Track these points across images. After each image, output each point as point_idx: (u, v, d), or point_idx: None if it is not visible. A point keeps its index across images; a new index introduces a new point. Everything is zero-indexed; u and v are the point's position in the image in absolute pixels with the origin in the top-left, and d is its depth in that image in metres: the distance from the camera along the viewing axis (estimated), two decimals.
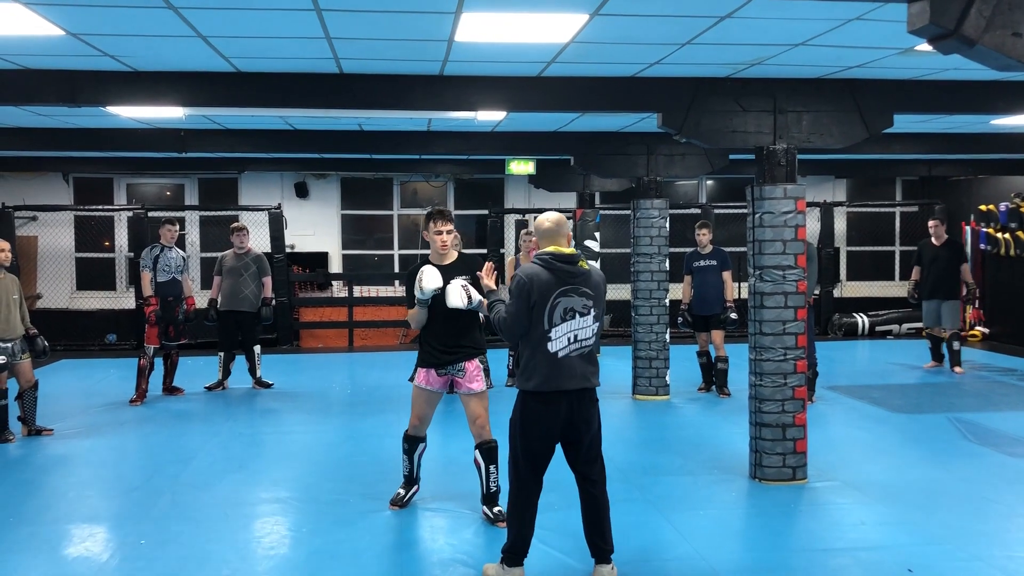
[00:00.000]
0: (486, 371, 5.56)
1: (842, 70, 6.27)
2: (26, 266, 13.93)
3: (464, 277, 5.39)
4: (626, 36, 5.37)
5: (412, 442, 5.73)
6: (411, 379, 5.69)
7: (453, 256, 5.55)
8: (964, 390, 9.99)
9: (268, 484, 6.39)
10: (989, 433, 7.80)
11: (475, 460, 5.51)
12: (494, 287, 4.79)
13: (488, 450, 5.45)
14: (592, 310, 4.38)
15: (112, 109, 7.88)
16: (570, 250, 4.41)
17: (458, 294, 5.17)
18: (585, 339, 4.36)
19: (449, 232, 5.49)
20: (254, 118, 9.02)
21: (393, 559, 4.91)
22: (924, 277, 11.16)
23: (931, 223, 11.32)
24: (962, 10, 2.76)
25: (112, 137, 9.87)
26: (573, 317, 4.32)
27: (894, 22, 4.89)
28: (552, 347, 4.29)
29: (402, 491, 5.81)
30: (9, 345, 7.58)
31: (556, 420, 4.32)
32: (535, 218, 15.64)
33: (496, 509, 5.47)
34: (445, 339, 5.44)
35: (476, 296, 5.21)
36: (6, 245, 7.75)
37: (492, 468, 5.45)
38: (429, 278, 5.25)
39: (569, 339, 4.32)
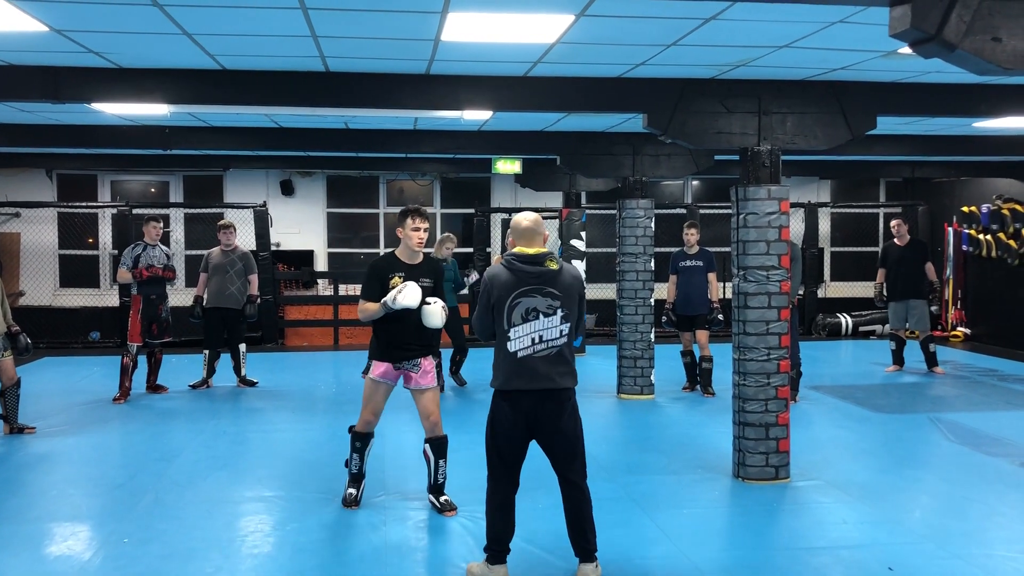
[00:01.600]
0: (438, 369, 5.69)
1: (826, 72, 6.31)
2: (9, 263, 13.84)
3: (427, 280, 5.50)
4: (612, 37, 5.39)
5: (364, 439, 5.75)
6: (364, 373, 5.72)
7: (420, 257, 5.61)
8: (945, 390, 10.08)
9: (252, 482, 6.38)
10: (970, 433, 7.87)
11: (424, 452, 5.67)
12: None
13: (438, 445, 5.63)
14: (559, 310, 4.33)
15: (96, 106, 7.83)
16: (535, 250, 4.39)
17: (439, 315, 5.37)
18: (552, 340, 4.33)
19: (426, 230, 5.53)
20: (239, 116, 8.98)
21: (377, 557, 4.91)
22: (890, 279, 11.09)
23: (893, 223, 11.20)
24: (943, 15, 2.79)
25: (96, 134, 9.81)
26: (536, 317, 4.31)
27: (877, 25, 4.92)
28: (512, 347, 4.31)
29: (353, 490, 5.79)
30: None
31: (519, 419, 4.34)
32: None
33: (443, 498, 5.66)
34: (404, 337, 5.52)
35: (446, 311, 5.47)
36: None
37: (441, 462, 5.65)
38: (409, 295, 5.29)
39: (533, 339, 4.31)
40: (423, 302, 5.38)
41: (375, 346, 5.68)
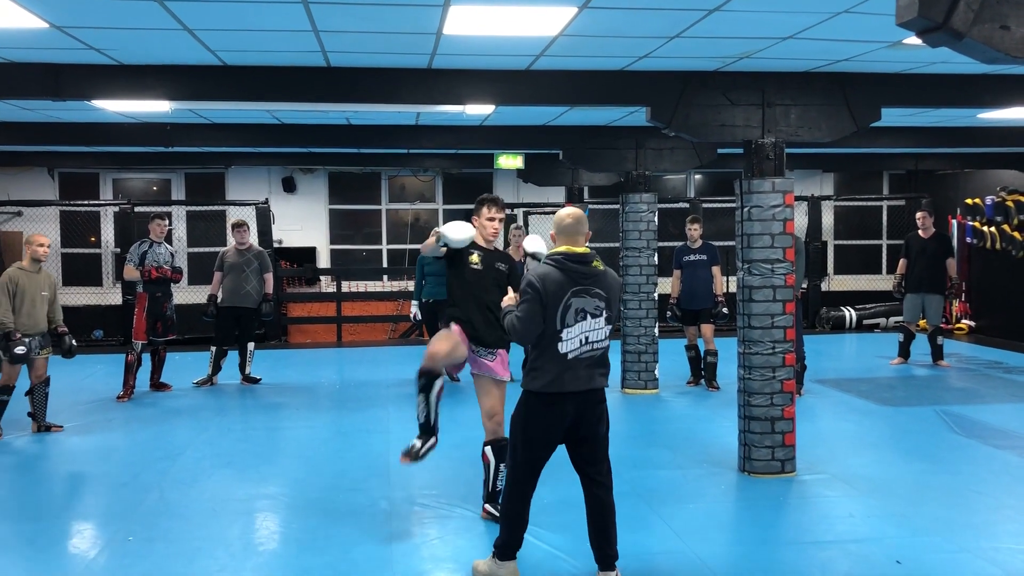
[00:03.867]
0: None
1: (830, 63, 6.28)
2: (11, 261, 13.80)
3: (503, 264, 5.36)
4: (615, 29, 5.36)
5: (429, 376, 5.08)
6: (445, 323, 5.25)
7: (493, 248, 5.44)
8: (951, 383, 10.05)
9: (257, 480, 6.36)
10: (976, 425, 7.84)
11: (484, 455, 5.30)
12: (511, 300, 4.57)
13: (501, 448, 5.18)
14: (604, 312, 4.28)
15: (97, 103, 7.82)
16: (583, 249, 4.30)
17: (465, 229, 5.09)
18: (597, 341, 4.27)
19: (501, 220, 5.39)
20: (241, 112, 8.97)
21: (383, 555, 4.89)
22: (910, 270, 11.07)
23: (919, 215, 11.19)
24: (950, 3, 2.76)
25: (97, 131, 9.80)
26: (585, 318, 4.23)
27: (882, 15, 4.90)
28: (563, 348, 4.21)
29: (417, 443, 5.13)
30: (28, 340, 7.55)
31: (561, 421, 4.26)
32: (524, 213, 15.46)
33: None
34: (481, 323, 5.24)
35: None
36: (46, 240, 7.79)
37: (502, 466, 5.17)
38: (458, 228, 5.08)
39: (581, 341, 4.23)
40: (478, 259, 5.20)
41: (453, 316, 5.27)
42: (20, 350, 7.38)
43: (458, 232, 5.14)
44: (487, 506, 5.37)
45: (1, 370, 7.61)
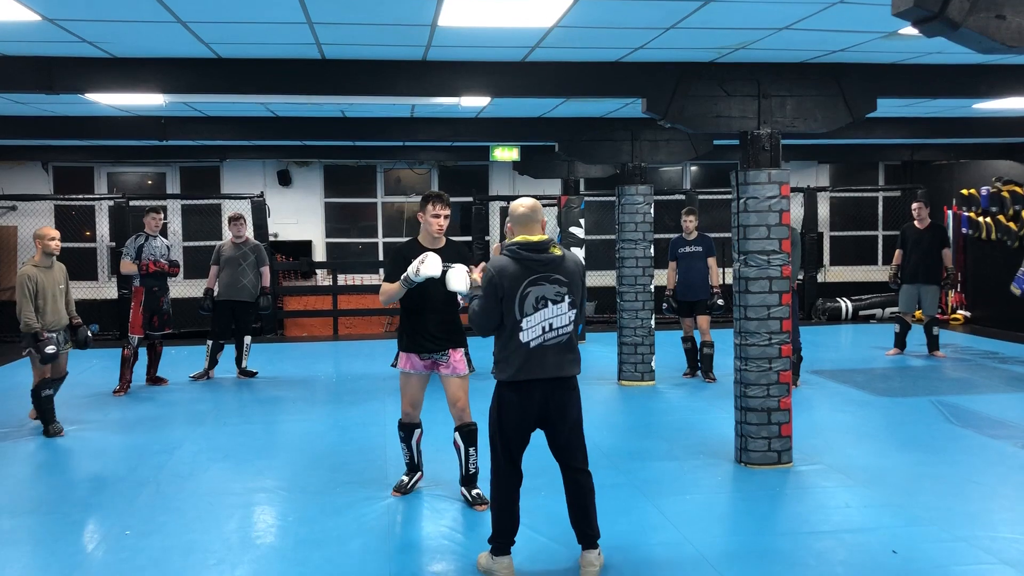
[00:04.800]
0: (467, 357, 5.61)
1: (826, 54, 6.27)
2: (5, 256, 13.80)
3: (452, 264, 5.38)
4: (610, 20, 5.35)
5: (407, 429, 5.74)
6: (393, 365, 5.62)
7: (443, 242, 5.51)
8: (946, 373, 10.07)
9: (253, 473, 6.36)
10: (971, 416, 7.86)
11: (454, 442, 5.53)
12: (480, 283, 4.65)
13: (468, 432, 5.48)
14: (566, 297, 4.32)
15: (91, 96, 7.78)
16: (539, 237, 4.35)
17: (463, 279, 5.05)
18: (561, 327, 4.31)
19: (447, 217, 5.43)
20: (235, 105, 8.94)
21: (380, 547, 4.89)
22: (906, 261, 11.09)
23: (915, 206, 11.19)
24: None
25: (92, 125, 9.76)
26: (546, 306, 4.27)
27: (878, 5, 4.89)
28: (524, 337, 4.26)
29: (405, 478, 5.83)
30: (53, 335, 7.52)
31: (530, 409, 4.30)
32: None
33: (475, 492, 5.53)
34: (429, 328, 5.43)
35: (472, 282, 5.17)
36: (57, 233, 7.79)
37: (471, 450, 5.50)
38: (431, 264, 5.14)
39: (544, 328, 4.27)
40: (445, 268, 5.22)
41: (400, 337, 5.57)
42: (51, 350, 7.34)
43: (429, 269, 5.14)
44: (462, 489, 5.59)
45: (33, 367, 7.54)
